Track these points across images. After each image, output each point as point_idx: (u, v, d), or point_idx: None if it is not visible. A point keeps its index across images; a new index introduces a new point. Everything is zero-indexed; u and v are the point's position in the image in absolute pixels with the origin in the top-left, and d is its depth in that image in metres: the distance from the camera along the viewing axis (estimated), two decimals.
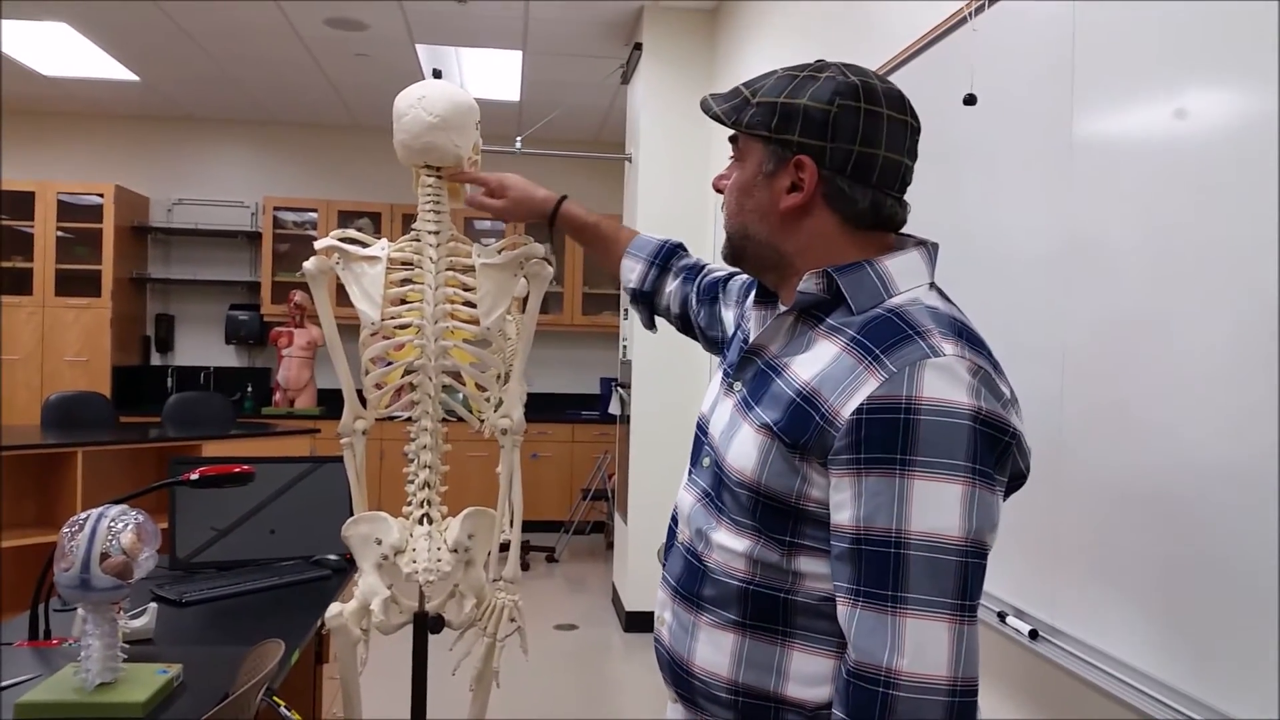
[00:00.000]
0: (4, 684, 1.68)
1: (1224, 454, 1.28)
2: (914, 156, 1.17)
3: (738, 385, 1.20)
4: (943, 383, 0.99)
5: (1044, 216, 1.74)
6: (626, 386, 5.29)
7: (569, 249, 7.51)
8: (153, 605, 2.10)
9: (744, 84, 1.20)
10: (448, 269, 1.79)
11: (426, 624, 1.87)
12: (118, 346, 6.94)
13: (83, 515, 1.62)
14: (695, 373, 5.05)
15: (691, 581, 1.18)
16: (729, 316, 1.53)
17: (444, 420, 1.83)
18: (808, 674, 1.09)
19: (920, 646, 0.96)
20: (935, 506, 0.97)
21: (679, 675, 1.20)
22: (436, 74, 1.86)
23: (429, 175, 1.80)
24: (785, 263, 1.18)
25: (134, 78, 6.32)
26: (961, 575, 0.97)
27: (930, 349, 1.01)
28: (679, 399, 5.03)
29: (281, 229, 7.36)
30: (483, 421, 1.90)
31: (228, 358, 7.58)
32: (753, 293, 1.32)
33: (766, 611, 1.11)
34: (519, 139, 5.25)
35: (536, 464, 7.18)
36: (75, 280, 6.82)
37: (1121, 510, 1.49)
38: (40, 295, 6.76)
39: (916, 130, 1.16)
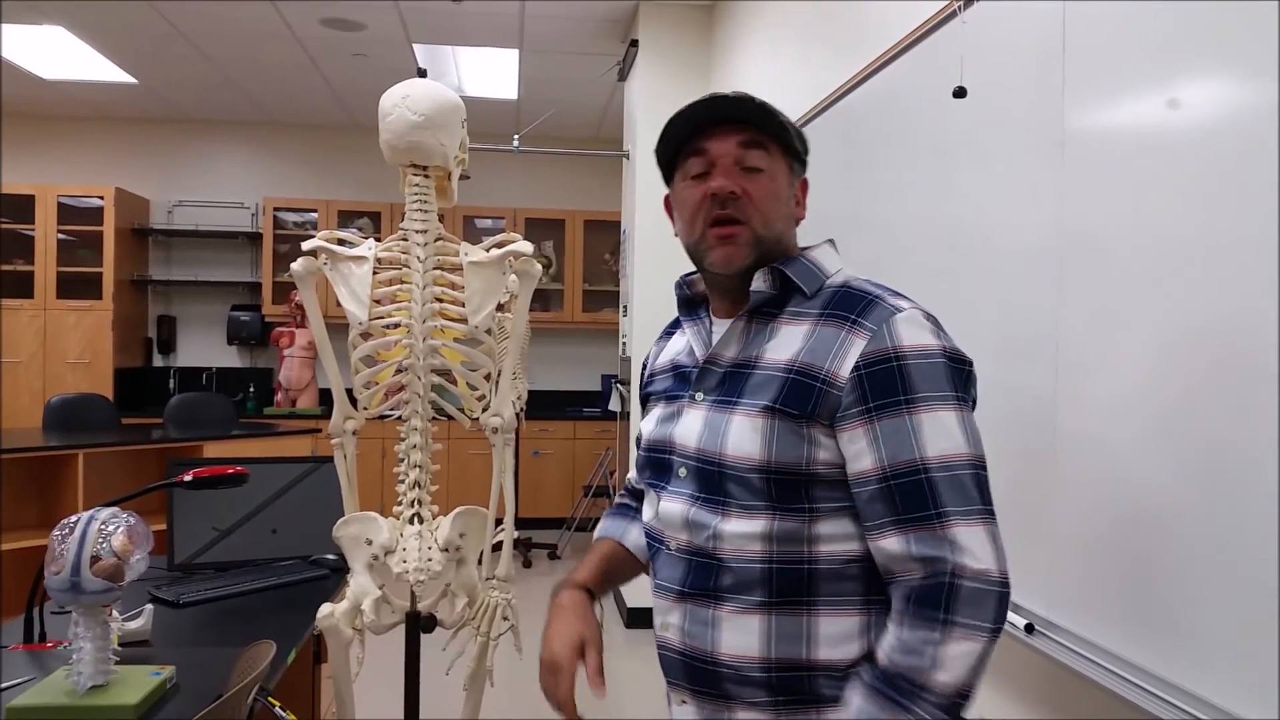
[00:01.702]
0: None
1: (1222, 448, 1.27)
2: None
3: (699, 395, 1.28)
4: (913, 331, 1.16)
5: (1036, 210, 1.73)
6: (626, 383, 5.29)
7: (569, 247, 7.52)
8: (149, 607, 2.10)
9: (745, 97, 1.27)
10: (435, 268, 1.79)
11: (418, 623, 1.86)
12: (120, 348, 6.95)
13: (73, 518, 1.62)
14: None
15: (703, 579, 1.21)
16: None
17: (434, 419, 1.83)
18: (836, 634, 1.17)
19: (971, 547, 1.09)
20: (942, 432, 1.12)
21: (699, 670, 1.22)
22: (422, 73, 1.86)
23: (415, 174, 1.79)
24: None
25: (132, 80, 6.32)
26: (978, 485, 1.13)
27: (893, 307, 1.18)
28: None
29: (282, 229, 7.36)
30: (474, 420, 1.89)
31: (229, 358, 7.59)
32: (671, 337, 1.48)
33: (791, 586, 1.17)
34: (516, 137, 5.25)
35: (538, 461, 7.18)
36: (77, 283, 6.83)
37: (1117, 504, 1.48)
38: (42, 298, 6.77)
39: None
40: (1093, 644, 1.52)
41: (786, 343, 1.22)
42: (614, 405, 5.71)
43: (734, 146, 1.26)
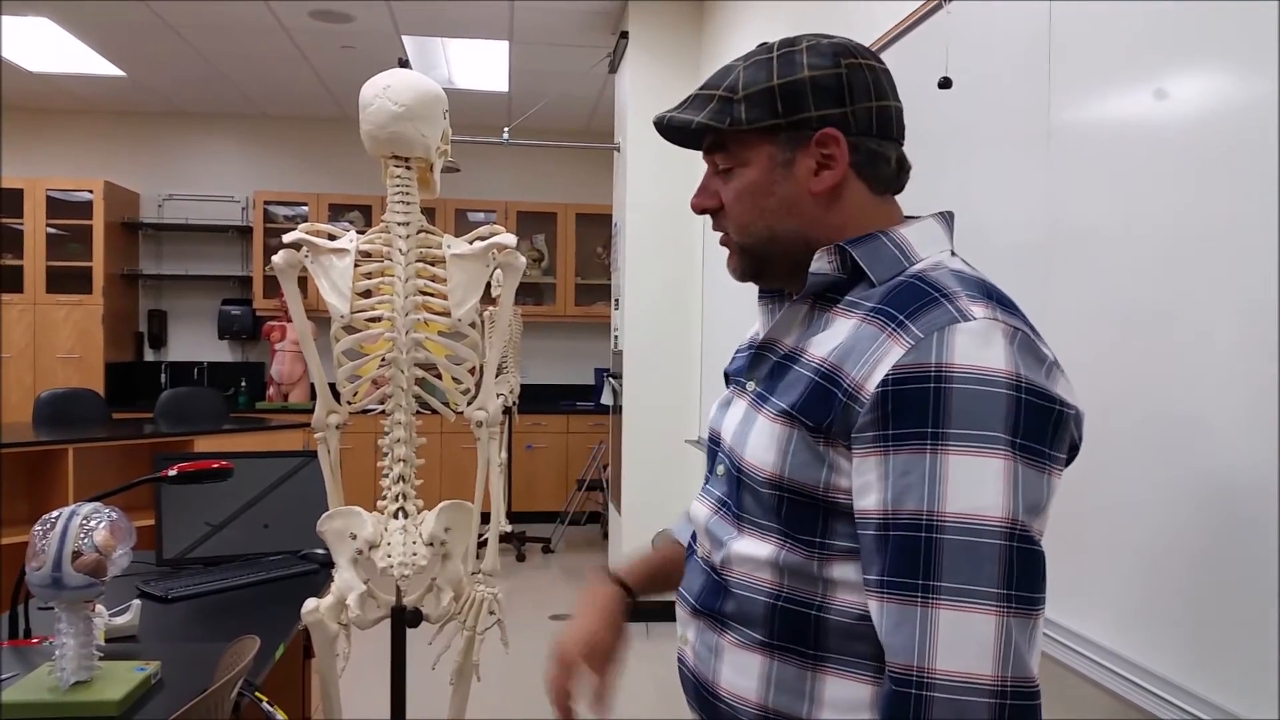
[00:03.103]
0: None
1: (1213, 442, 1.27)
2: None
3: (750, 384, 1.10)
4: (976, 348, 0.89)
5: (1023, 203, 1.72)
6: (618, 376, 5.29)
7: (560, 240, 7.51)
8: (136, 602, 2.09)
9: (705, 89, 1.09)
10: (418, 260, 1.78)
11: (403, 618, 1.86)
12: (110, 343, 6.93)
13: (55, 514, 1.61)
14: (686, 362, 5.04)
15: (712, 598, 1.09)
16: None
17: (419, 413, 1.82)
18: (842, 701, 0.98)
19: (956, 641, 0.85)
20: (973, 484, 0.87)
21: (704, 699, 1.10)
22: (403, 63, 1.84)
23: (397, 165, 1.78)
24: None
25: (120, 73, 6.29)
26: (1005, 561, 0.86)
27: (959, 312, 0.92)
28: (670, 388, 5.03)
29: (272, 223, 7.33)
30: (459, 413, 1.89)
31: (221, 353, 7.57)
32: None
33: (796, 632, 1.00)
34: (507, 130, 5.24)
35: (531, 455, 7.18)
36: (67, 277, 6.81)
37: (1106, 498, 1.48)
38: (32, 293, 6.75)
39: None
40: (1087, 639, 1.52)
41: (830, 337, 1.01)
42: (606, 398, 5.71)
43: (706, 153, 1.12)
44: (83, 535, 1.60)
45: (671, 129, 1.10)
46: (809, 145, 1.04)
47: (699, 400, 4.89)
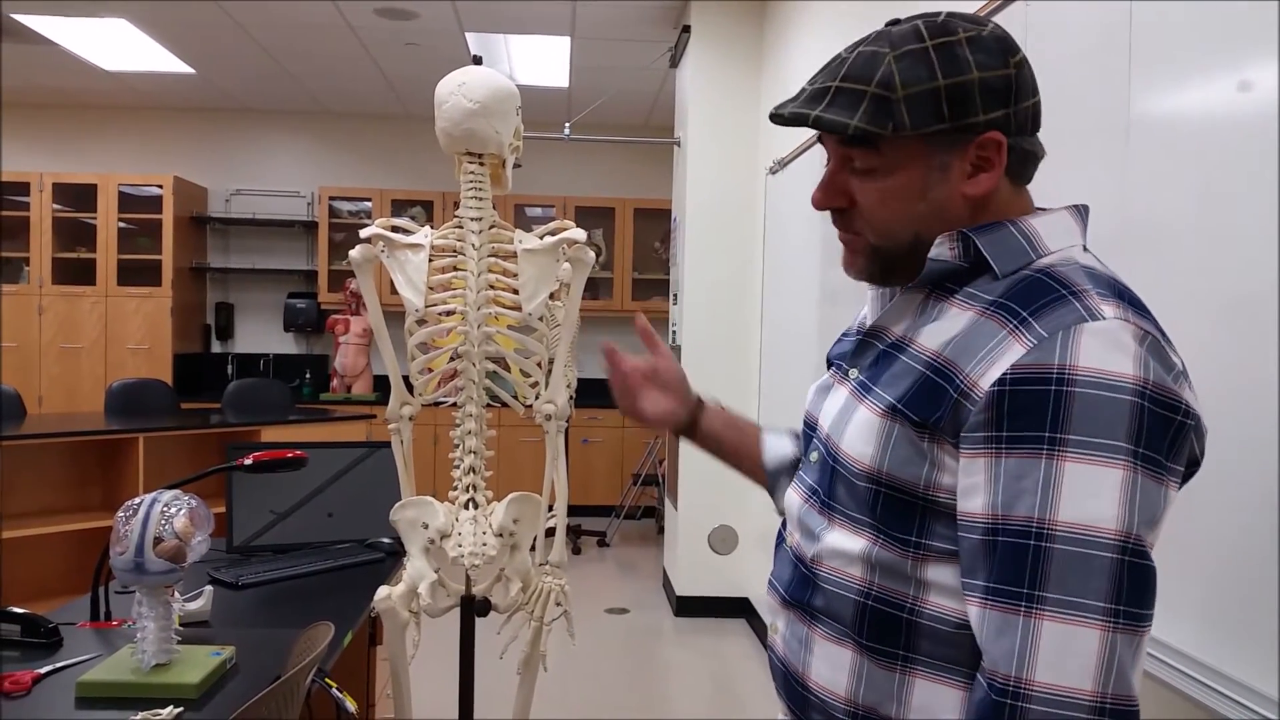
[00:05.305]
0: (68, 663, 1.73)
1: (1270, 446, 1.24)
2: None
3: (853, 372, 1.06)
4: (1103, 350, 0.85)
5: (1100, 197, 1.69)
6: None
7: (619, 235, 7.52)
8: (209, 588, 2.15)
9: (849, 81, 0.98)
10: (490, 255, 1.80)
11: (473, 607, 1.88)
12: (179, 335, 7.10)
13: (136, 500, 1.66)
14: (744, 358, 5.02)
15: (801, 590, 1.07)
16: None
17: (489, 406, 1.84)
18: (931, 705, 0.96)
19: (1058, 654, 0.83)
20: (1089, 494, 0.83)
21: (793, 689, 1.09)
22: (477, 60, 1.86)
23: (470, 162, 1.80)
24: None
25: (190, 71, 6.43)
26: (1116, 575, 0.82)
27: (1088, 311, 0.87)
28: (728, 384, 5.01)
29: (337, 218, 7.45)
30: (528, 407, 1.91)
31: (286, 345, 7.71)
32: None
33: (886, 633, 0.98)
34: (567, 125, 5.26)
35: (587, 449, 7.21)
36: (137, 270, 6.98)
37: (1191, 500, 1.45)
38: (103, 285, 6.93)
39: None
40: (1168, 645, 1.49)
41: (943, 328, 0.96)
42: None
43: (836, 145, 1.03)
44: (163, 522, 1.64)
45: (825, 127, 0.99)
46: (968, 148, 0.97)
47: (757, 396, 4.87)
